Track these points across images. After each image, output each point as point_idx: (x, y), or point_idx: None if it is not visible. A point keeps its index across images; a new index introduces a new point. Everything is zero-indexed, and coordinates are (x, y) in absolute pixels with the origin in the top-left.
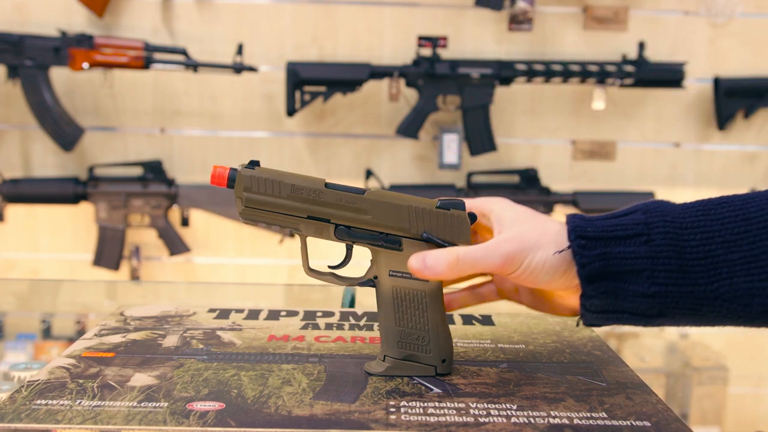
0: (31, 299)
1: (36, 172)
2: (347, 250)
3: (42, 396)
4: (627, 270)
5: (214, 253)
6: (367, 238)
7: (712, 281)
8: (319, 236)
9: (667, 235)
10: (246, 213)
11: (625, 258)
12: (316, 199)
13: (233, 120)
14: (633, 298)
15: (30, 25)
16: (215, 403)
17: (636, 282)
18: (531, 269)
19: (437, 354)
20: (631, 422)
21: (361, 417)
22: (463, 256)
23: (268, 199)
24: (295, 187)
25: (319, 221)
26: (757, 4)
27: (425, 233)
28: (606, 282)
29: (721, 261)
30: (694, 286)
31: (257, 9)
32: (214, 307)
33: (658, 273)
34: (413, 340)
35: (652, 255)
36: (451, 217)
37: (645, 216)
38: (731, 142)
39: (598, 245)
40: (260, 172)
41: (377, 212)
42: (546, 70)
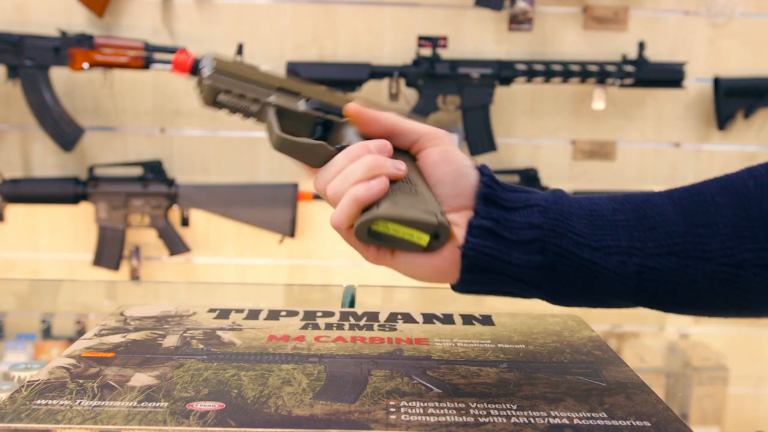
0: (31, 299)
1: (36, 172)
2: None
3: (42, 396)
4: (520, 206)
5: (214, 253)
6: (335, 109)
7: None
8: (290, 106)
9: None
10: (214, 78)
11: (522, 200)
12: (290, 81)
13: (233, 120)
14: (519, 230)
15: (30, 25)
16: (215, 403)
17: (526, 214)
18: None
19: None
20: (631, 422)
21: (361, 417)
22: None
23: (239, 70)
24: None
25: (292, 93)
26: (757, 4)
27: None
28: (499, 210)
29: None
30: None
31: (257, 9)
32: (214, 307)
33: (548, 210)
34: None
35: (547, 201)
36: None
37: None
38: (731, 142)
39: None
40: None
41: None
42: (546, 70)
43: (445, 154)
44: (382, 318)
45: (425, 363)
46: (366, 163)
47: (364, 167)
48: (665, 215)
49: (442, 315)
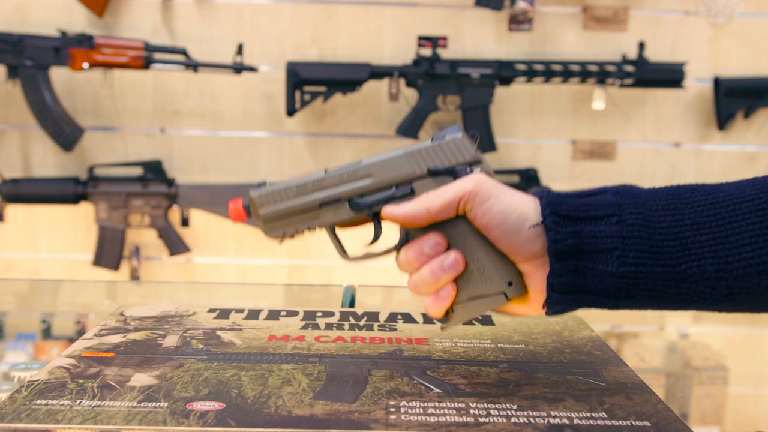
0: (31, 299)
1: (36, 172)
2: (374, 223)
3: (42, 396)
4: (598, 249)
5: (214, 253)
6: (380, 199)
7: (680, 262)
8: (338, 219)
9: (638, 216)
10: (268, 229)
11: (597, 237)
12: (321, 186)
13: (233, 120)
14: (601, 278)
15: (30, 25)
16: (215, 403)
17: (606, 261)
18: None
19: (500, 279)
20: (631, 422)
21: (361, 417)
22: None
23: (281, 207)
24: (299, 185)
25: (332, 204)
26: (757, 4)
27: (429, 167)
28: (576, 260)
29: (690, 242)
30: (663, 267)
31: (257, 9)
32: (214, 307)
33: (628, 252)
34: (469, 276)
35: (624, 234)
36: (449, 144)
37: (616, 197)
38: (731, 142)
39: (570, 223)
40: (268, 187)
41: (379, 170)
42: (546, 70)
43: (489, 216)
44: (382, 318)
45: (425, 363)
46: (427, 276)
47: (428, 283)
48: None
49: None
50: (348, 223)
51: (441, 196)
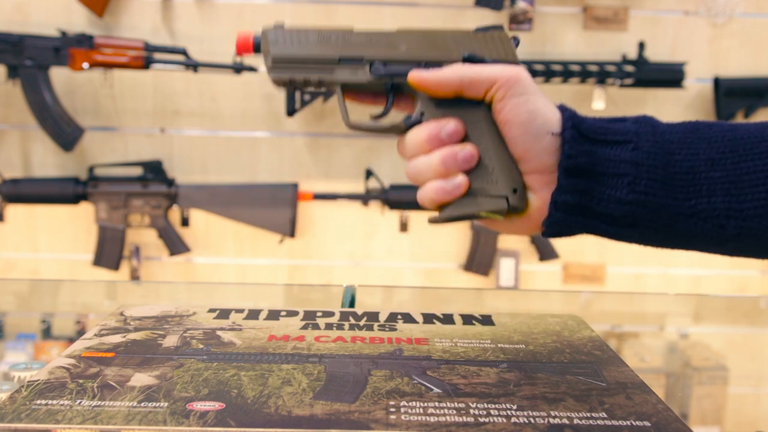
0: (31, 299)
1: (36, 172)
2: (388, 95)
3: (42, 396)
4: (609, 173)
5: (214, 253)
6: (404, 70)
7: (690, 197)
8: (354, 80)
9: (655, 144)
10: (275, 69)
11: (611, 160)
12: (345, 40)
13: (233, 120)
14: (608, 203)
15: (30, 25)
16: (215, 403)
17: (615, 186)
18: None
19: (506, 183)
20: (631, 422)
21: (361, 417)
22: (468, 64)
23: (297, 50)
24: (322, 33)
25: (352, 62)
26: (757, 4)
27: (466, 53)
28: (585, 180)
29: (703, 178)
30: (673, 200)
31: (257, 9)
32: (214, 307)
33: (639, 180)
34: (477, 170)
35: (638, 161)
36: (492, 37)
37: (636, 125)
38: None
39: (587, 142)
40: (286, 28)
41: (412, 43)
42: (546, 70)
43: (516, 112)
44: (382, 318)
45: (425, 363)
46: (437, 163)
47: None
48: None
49: (442, 315)
50: (361, 89)
51: (477, 69)
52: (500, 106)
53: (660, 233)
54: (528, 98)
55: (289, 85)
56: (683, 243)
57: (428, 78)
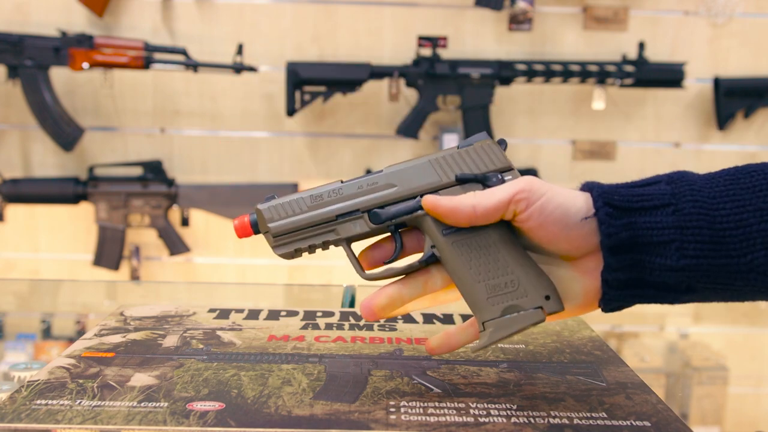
0: (31, 299)
1: (36, 172)
2: (394, 238)
3: (42, 396)
4: (655, 242)
5: (214, 253)
6: (403, 210)
7: (746, 252)
8: (357, 233)
9: (696, 203)
10: (278, 245)
11: (653, 228)
12: (338, 197)
13: (233, 120)
14: (660, 272)
15: (30, 25)
16: (215, 403)
17: (664, 254)
18: (551, 208)
19: (536, 292)
20: (631, 422)
21: (361, 417)
22: (479, 191)
23: (294, 219)
24: (313, 196)
25: (350, 215)
26: (757, 4)
27: (458, 174)
28: (632, 254)
29: (755, 231)
30: (727, 258)
31: (257, 9)
32: (214, 307)
33: (687, 244)
34: (503, 290)
35: (681, 225)
36: (477, 149)
37: (671, 186)
38: (731, 142)
39: (624, 215)
40: (276, 200)
41: (402, 179)
42: (546, 70)
43: (547, 213)
44: None
45: (425, 363)
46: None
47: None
48: None
49: (442, 315)
50: (367, 237)
51: (490, 195)
52: (526, 216)
53: (719, 293)
54: (549, 196)
55: (297, 254)
56: (746, 297)
57: (443, 207)
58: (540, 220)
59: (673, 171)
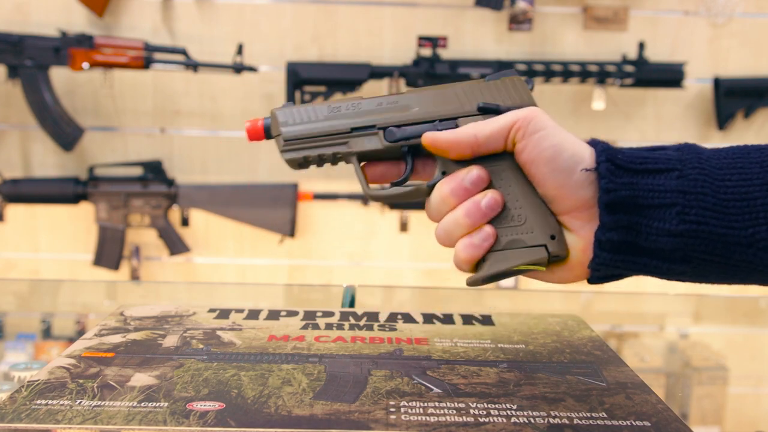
0: (31, 299)
1: (36, 172)
2: (406, 159)
3: (42, 396)
4: (655, 204)
5: (214, 253)
6: (419, 131)
7: (748, 225)
8: (369, 149)
9: (702, 171)
10: (288, 150)
11: (655, 190)
12: (356, 111)
13: (233, 120)
14: (657, 237)
15: (30, 25)
16: (215, 403)
17: (663, 218)
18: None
19: (542, 230)
20: (631, 422)
21: (361, 417)
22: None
23: (307, 126)
24: (331, 107)
25: (365, 130)
26: (757, 4)
27: (480, 104)
28: (629, 215)
29: (760, 204)
30: (728, 228)
31: (257, 9)
32: (214, 307)
33: (689, 209)
34: (509, 222)
35: (685, 189)
36: (505, 83)
37: (678, 153)
38: (731, 142)
39: (626, 174)
40: (294, 106)
41: (423, 103)
42: (546, 70)
43: (539, 149)
44: (382, 318)
45: (425, 363)
46: (461, 216)
47: (461, 224)
48: None
49: (442, 315)
50: (378, 157)
51: (490, 122)
52: (521, 147)
53: (715, 266)
54: (548, 132)
55: (304, 164)
56: (740, 276)
57: (442, 140)
58: (533, 154)
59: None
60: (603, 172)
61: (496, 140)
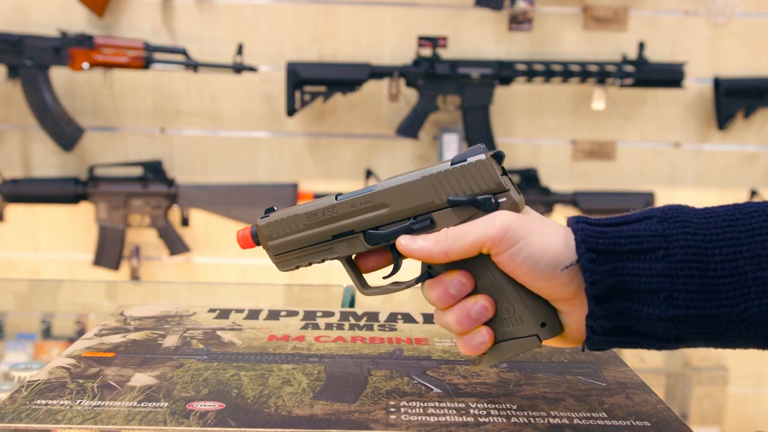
0: (31, 299)
1: (36, 172)
2: (393, 254)
3: (42, 396)
4: (642, 290)
5: (214, 253)
6: (398, 230)
7: (738, 302)
8: (355, 252)
9: (689, 249)
10: (280, 262)
11: (641, 275)
12: (332, 216)
13: (233, 120)
14: (648, 321)
15: (30, 25)
16: (215, 403)
17: (652, 303)
18: (529, 252)
19: (531, 320)
20: (631, 422)
21: (361, 417)
22: (453, 228)
23: (291, 239)
24: (308, 213)
25: (346, 236)
26: (757, 4)
27: (449, 198)
28: (618, 302)
29: (750, 279)
30: (718, 308)
31: (257, 9)
32: (214, 307)
33: (677, 294)
34: (499, 316)
35: (672, 273)
36: (471, 167)
37: (662, 226)
38: (731, 142)
39: (609, 260)
40: (275, 215)
41: (395, 200)
42: (546, 70)
43: (516, 264)
44: (382, 318)
45: (425, 363)
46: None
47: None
48: None
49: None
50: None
51: (461, 239)
52: (498, 261)
53: (710, 342)
54: (522, 245)
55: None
56: (736, 346)
57: (415, 252)
58: (511, 267)
59: (667, 205)
60: (585, 265)
61: (468, 254)
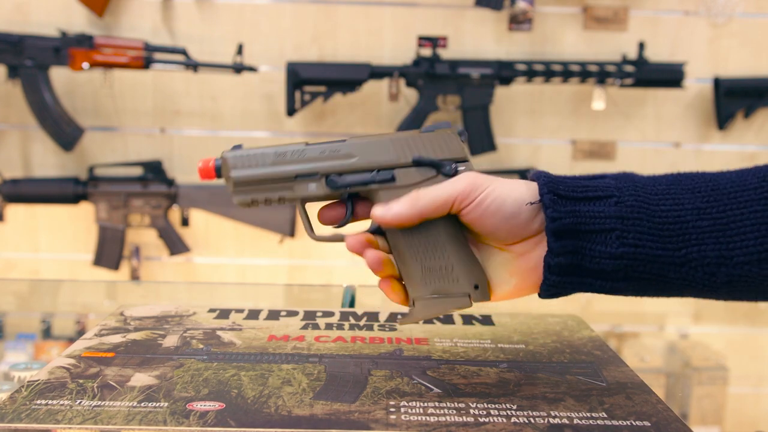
0: (31, 299)
1: (36, 172)
2: (347, 204)
3: (42, 396)
4: (596, 229)
5: (214, 253)
6: (358, 180)
7: (680, 246)
8: (312, 194)
9: (638, 197)
10: (237, 193)
11: (596, 217)
12: (300, 158)
13: (233, 120)
14: (600, 259)
15: (30, 25)
16: (215, 403)
17: (604, 242)
18: (496, 195)
19: (467, 280)
20: (631, 422)
21: (361, 417)
22: (423, 191)
23: (255, 171)
24: (277, 153)
25: (308, 177)
26: (757, 4)
27: (415, 156)
28: (574, 240)
29: (691, 227)
30: (663, 250)
31: (257, 9)
32: (214, 307)
33: (627, 233)
34: (437, 273)
35: (623, 215)
36: (438, 136)
37: (615, 181)
38: (731, 142)
39: (569, 203)
40: (243, 150)
41: (363, 152)
42: (546, 70)
43: (483, 209)
44: (382, 318)
45: (425, 363)
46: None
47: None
48: (756, 216)
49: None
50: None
51: (433, 198)
52: (466, 212)
53: (653, 284)
54: (488, 192)
55: (251, 204)
56: (676, 291)
57: (391, 219)
58: (478, 213)
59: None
60: (547, 203)
61: (439, 212)
